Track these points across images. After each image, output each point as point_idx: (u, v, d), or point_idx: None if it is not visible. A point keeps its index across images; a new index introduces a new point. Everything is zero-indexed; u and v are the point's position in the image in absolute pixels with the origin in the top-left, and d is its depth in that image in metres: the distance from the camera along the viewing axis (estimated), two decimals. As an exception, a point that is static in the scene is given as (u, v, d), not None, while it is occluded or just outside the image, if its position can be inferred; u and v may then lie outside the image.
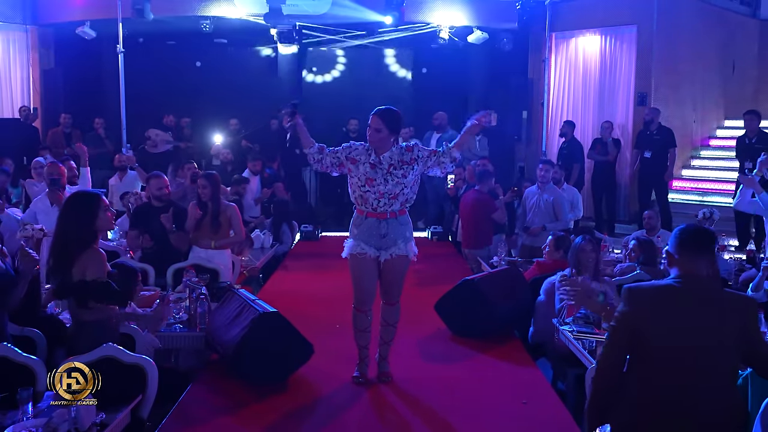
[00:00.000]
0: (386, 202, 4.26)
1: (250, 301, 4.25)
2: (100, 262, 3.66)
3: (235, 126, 11.39)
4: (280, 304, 6.21)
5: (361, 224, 4.34)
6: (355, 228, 4.38)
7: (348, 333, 4.67)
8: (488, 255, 7.70)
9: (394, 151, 4.30)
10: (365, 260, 4.32)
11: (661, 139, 9.76)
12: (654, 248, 5.86)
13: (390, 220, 4.29)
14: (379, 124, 4.24)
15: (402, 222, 4.35)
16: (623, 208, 11.00)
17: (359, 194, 4.31)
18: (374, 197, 4.25)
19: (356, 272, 4.39)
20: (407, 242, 4.36)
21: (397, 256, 4.32)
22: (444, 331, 5.42)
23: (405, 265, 4.42)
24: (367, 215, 4.31)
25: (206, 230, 5.89)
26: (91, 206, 3.69)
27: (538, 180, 7.64)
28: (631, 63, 10.89)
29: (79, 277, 3.56)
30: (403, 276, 4.48)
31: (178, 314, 4.64)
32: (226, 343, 4.09)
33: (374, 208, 4.27)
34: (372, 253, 4.31)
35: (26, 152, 10.03)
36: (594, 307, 4.35)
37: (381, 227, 4.28)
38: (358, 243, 4.32)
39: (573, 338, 4.44)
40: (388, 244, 4.32)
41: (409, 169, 4.29)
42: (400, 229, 4.33)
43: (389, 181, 4.24)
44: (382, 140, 4.25)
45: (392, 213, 4.29)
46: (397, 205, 4.30)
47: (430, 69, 13.15)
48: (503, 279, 5.47)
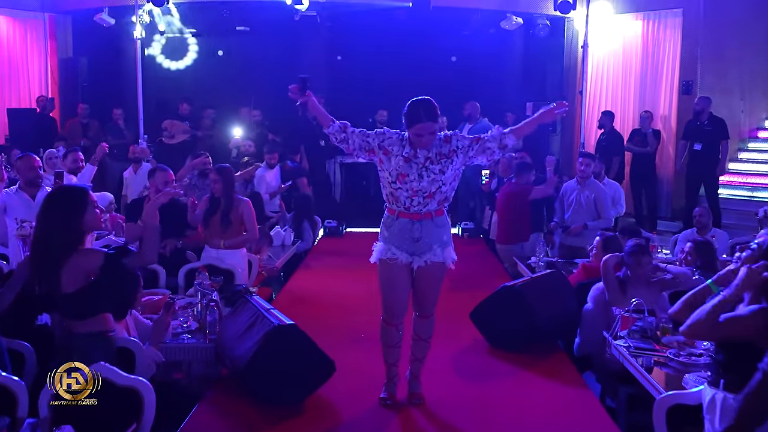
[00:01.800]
0: (420, 201, 3.74)
1: (264, 310, 3.77)
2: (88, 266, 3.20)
3: (257, 117, 10.93)
4: (298, 309, 5.85)
5: (391, 225, 3.82)
6: (386, 230, 3.86)
7: (375, 345, 4.19)
8: (522, 252, 7.18)
9: (435, 143, 3.77)
10: (396, 267, 3.80)
11: (713, 130, 9.12)
12: (712, 250, 5.28)
13: (425, 221, 3.76)
14: (432, 127, 3.69)
15: (439, 224, 3.81)
16: (666, 204, 10.39)
17: (390, 191, 3.79)
18: (406, 195, 3.73)
19: (386, 280, 3.87)
20: (444, 247, 3.83)
21: (432, 263, 3.79)
22: (481, 342, 4.90)
23: (441, 274, 3.88)
24: (399, 215, 3.78)
25: (216, 228, 5.44)
26: (77, 203, 3.22)
27: (578, 174, 7.08)
28: (675, 49, 10.25)
29: (68, 287, 3.11)
30: (439, 285, 3.95)
31: (186, 323, 4.19)
32: (236, 358, 3.62)
33: (406, 207, 3.75)
34: (404, 258, 3.79)
35: (43, 143, 9.69)
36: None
37: (414, 230, 3.76)
38: (389, 247, 3.80)
39: (629, 355, 3.92)
40: (423, 249, 3.78)
41: (447, 163, 3.74)
42: (436, 232, 3.79)
43: (424, 177, 3.70)
44: (433, 136, 3.73)
45: (427, 213, 3.75)
46: (434, 204, 3.76)
47: (461, 57, 12.61)
48: (547, 284, 4.92)
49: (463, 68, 12.33)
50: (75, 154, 6.70)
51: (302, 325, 4.82)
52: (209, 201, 5.47)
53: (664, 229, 9.85)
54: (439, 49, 12.68)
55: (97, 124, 10.83)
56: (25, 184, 5.53)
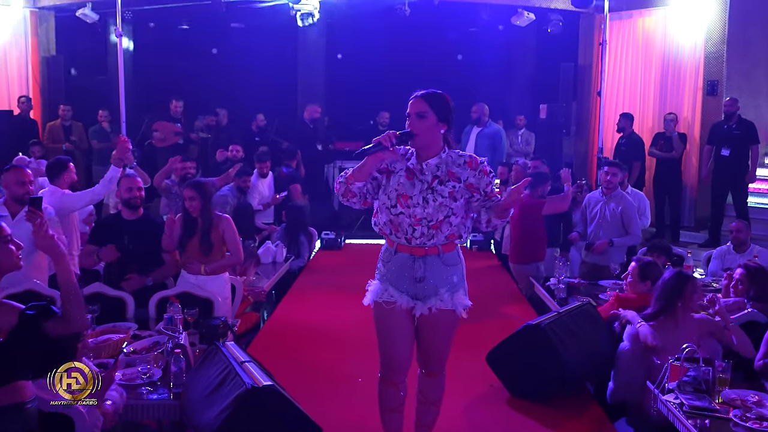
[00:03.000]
0: (424, 233, 3.01)
1: (237, 364, 3.05)
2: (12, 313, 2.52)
3: (262, 122, 10.22)
4: (287, 342, 5.12)
5: (389, 261, 3.11)
6: (383, 265, 3.14)
7: (373, 393, 3.48)
8: (538, 273, 6.48)
9: (444, 158, 3.05)
10: (395, 313, 3.07)
11: (742, 134, 8.40)
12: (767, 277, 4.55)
13: (429, 257, 3.03)
14: (423, 106, 3.01)
15: (447, 262, 3.07)
16: (689, 213, 9.68)
17: (389, 218, 3.07)
18: (408, 223, 3.02)
19: (383, 329, 3.14)
20: (454, 292, 3.08)
21: (438, 310, 3.05)
22: (498, 388, 4.17)
23: (451, 324, 3.12)
24: (398, 249, 3.07)
25: (194, 252, 4.72)
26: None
27: (603, 185, 6.37)
28: (699, 47, 9.53)
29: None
30: (450, 338, 3.18)
31: (147, 373, 3.47)
32: (200, 426, 2.91)
33: (407, 239, 3.03)
34: (404, 303, 3.06)
35: (22, 148, 9.01)
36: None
37: (416, 268, 3.03)
38: (386, 287, 3.08)
39: (682, 415, 3.21)
40: (427, 292, 3.05)
41: (461, 189, 3.02)
42: (444, 273, 3.06)
43: (430, 201, 2.99)
44: (429, 131, 3.01)
45: (432, 248, 3.03)
46: (441, 237, 3.03)
47: (467, 55, 11.92)
48: (576, 321, 4.18)
49: (470, 67, 11.68)
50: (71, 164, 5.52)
51: (288, 368, 4.14)
52: (184, 221, 4.75)
53: (687, 240, 9.19)
54: (445, 46, 12.03)
55: (81, 126, 10.16)
56: (11, 200, 4.81)
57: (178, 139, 9.81)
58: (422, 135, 3.01)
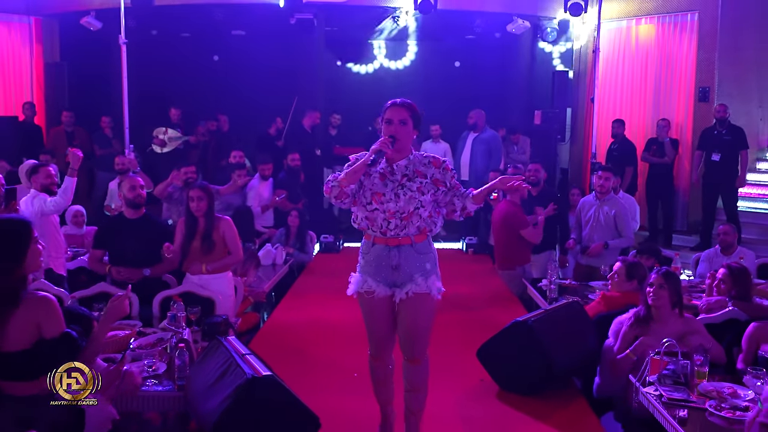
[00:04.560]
0: (398, 224, 3.33)
1: (238, 356, 3.22)
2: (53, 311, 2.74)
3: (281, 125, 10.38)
4: (286, 341, 5.28)
5: (368, 253, 3.42)
6: (362, 258, 3.46)
7: (368, 387, 3.68)
8: (526, 275, 6.67)
9: (412, 159, 3.41)
10: (374, 300, 3.38)
11: (732, 139, 8.59)
12: (749, 278, 4.72)
13: (403, 247, 3.34)
14: (405, 114, 3.35)
15: (420, 250, 3.37)
16: (681, 217, 9.85)
17: (365, 215, 3.37)
18: (383, 217, 3.33)
19: (366, 314, 3.48)
20: (428, 277, 3.37)
21: (414, 294, 3.34)
22: (488, 383, 4.34)
23: (427, 308, 3.39)
24: (375, 241, 3.38)
25: (196, 252, 4.90)
26: (21, 241, 2.72)
27: (596, 189, 6.55)
28: (691, 54, 9.73)
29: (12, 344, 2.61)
30: (429, 323, 3.44)
31: (152, 366, 3.65)
32: (203, 415, 3.08)
33: (383, 231, 3.35)
34: (382, 291, 3.37)
35: (27, 153, 9.18)
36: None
37: (392, 256, 3.34)
38: (365, 278, 3.39)
39: (661, 406, 3.38)
40: (403, 278, 3.35)
41: (428, 185, 3.35)
42: (417, 260, 3.36)
43: (401, 196, 3.31)
44: (407, 136, 3.37)
45: (405, 238, 3.34)
46: (412, 228, 3.34)
47: (464, 62, 12.10)
48: (563, 318, 4.35)
49: (467, 74, 11.84)
50: (46, 168, 6.06)
51: (287, 363, 4.30)
52: (186, 223, 4.93)
53: (679, 243, 9.36)
54: (442, 53, 12.21)
55: (84, 132, 10.33)
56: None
57: (178, 143, 10.00)
58: (402, 139, 3.35)
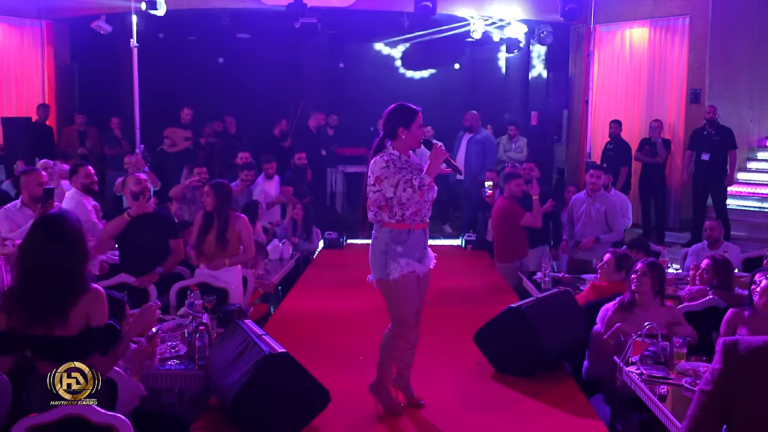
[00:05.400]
0: (430, 209, 3.91)
1: (255, 336, 3.54)
2: (103, 303, 3.00)
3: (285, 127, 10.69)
4: (294, 329, 5.60)
5: (406, 240, 3.80)
6: (399, 246, 3.78)
7: (373, 368, 4.01)
8: (523, 268, 6.97)
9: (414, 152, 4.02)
10: (413, 279, 3.82)
11: (721, 139, 8.90)
12: (730, 269, 5.04)
13: (426, 229, 3.94)
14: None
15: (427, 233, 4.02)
16: (673, 215, 10.17)
17: (418, 207, 3.78)
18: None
19: (409, 294, 3.83)
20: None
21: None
22: (485, 365, 4.66)
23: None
24: (414, 227, 3.81)
25: (212, 246, 5.23)
26: (83, 233, 3.01)
27: (587, 187, 6.87)
28: (683, 57, 10.05)
29: (68, 329, 2.88)
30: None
31: (175, 348, 3.97)
32: (224, 389, 3.40)
33: (422, 218, 3.84)
34: (420, 269, 3.87)
35: (39, 153, 9.50)
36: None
37: (426, 238, 3.93)
38: (408, 262, 3.78)
39: (642, 383, 3.70)
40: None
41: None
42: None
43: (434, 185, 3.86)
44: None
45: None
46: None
47: (463, 64, 12.43)
48: (554, 305, 4.68)
49: (465, 76, 12.15)
50: (86, 168, 6.10)
51: (298, 347, 4.61)
52: (203, 218, 5.26)
53: (672, 240, 9.66)
54: (443, 56, 12.52)
55: (95, 132, 10.65)
56: (29, 200, 5.33)
57: (188, 144, 10.30)
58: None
